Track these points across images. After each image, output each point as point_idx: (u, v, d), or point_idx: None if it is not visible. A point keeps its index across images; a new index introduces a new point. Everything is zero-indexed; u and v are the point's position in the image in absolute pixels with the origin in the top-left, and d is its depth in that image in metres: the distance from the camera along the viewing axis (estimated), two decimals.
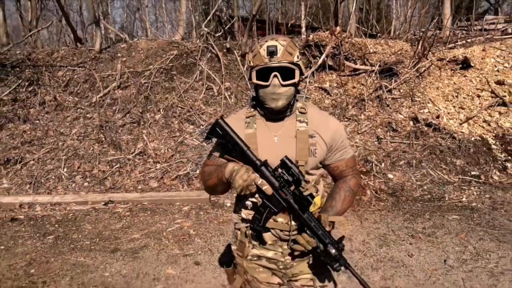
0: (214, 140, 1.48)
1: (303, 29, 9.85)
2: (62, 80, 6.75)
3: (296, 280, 1.50)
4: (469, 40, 7.84)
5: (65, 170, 5.08)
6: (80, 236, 3.76)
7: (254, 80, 1.37)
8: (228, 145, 1.38)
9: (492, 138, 5.73)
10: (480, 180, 4.98)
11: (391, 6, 11.85)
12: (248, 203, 1.41)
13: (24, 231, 3.89)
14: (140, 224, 4.02)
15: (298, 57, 1.37)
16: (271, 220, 1.38)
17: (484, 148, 5.55)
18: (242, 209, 1.45)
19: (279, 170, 1.31)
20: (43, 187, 4.85)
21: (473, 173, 5.12)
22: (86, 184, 4.90)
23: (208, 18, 7.96)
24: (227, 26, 8.12)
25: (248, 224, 1.44)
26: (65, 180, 4.94)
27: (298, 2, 12.07)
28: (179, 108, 6.10)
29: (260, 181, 1.29)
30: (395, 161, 5.30)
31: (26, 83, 6.58)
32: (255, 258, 1.49)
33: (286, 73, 1.34)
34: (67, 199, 4.53)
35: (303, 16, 11.82)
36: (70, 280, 2.94)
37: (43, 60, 7.15)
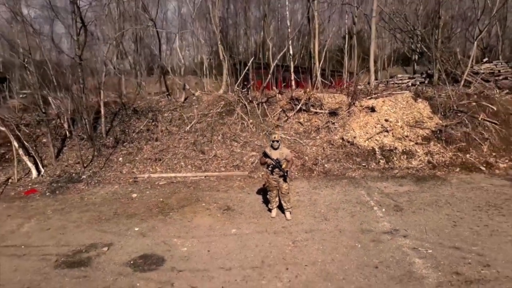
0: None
1: (292, 82, 14.99)
2: (168, 118, 11.98)
3: (279, 183, 6.72)
4: (379, 94, 12.99)
5: (182, 163, 10.30)
6: (201, 187, 8.97)
7: (270, 142, 6.60)
8: (266, 155, 6.61)
9: (377, 148, 10.89)
10: (365, 167, 10.16)
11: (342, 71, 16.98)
12: (269, 167, 6.63)
13: (179, 186, 9.10)
14: (222, 184, 9.21)
15: (279, 137, 6.60)
16: (274, 170, 6.61)
17: (372, 153, 10.71)
18: (269, 167, 6.67)
19: (276, 160, 6.52)
20: (175, 171, 10.06)
21: (362, 164, 10.30)
22: (193, 169, 10.11)
23: (238, 81, 13.16)
24: (248, 86, 13.34)
25: (269, 170, 6.66)
26: (183, 167, 10.15)
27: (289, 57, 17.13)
28: (229, 134, 11.31)
29: (272, 162, 6.52)
30: (329, 159, 10.47)
31: (151, 120, 11.81)
32: (271, 177, 6.71)
33: (278, 140, 6.57)
34: (188, 175, 9.74)
35: (292, 68, 16.98)
36: (209, 199, 8.13)
37: (155, 106, 12.38)
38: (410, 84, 14.35)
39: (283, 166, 6.52)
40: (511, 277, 4.72)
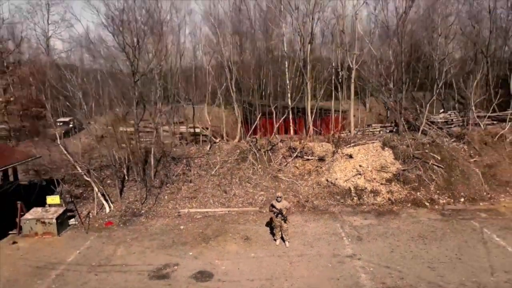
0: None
1: (291, 128, 18.35)
2: (197, 164, 15.34)
3: (281, 223, 10.02)
4: (356, 142, 16.31)
5: (211, 201, 13.59)
6: (226, 220, 12.23)
7: (277, 197, 9.93)
8: (273, 206, 9.93)
9: (352, 188, 14.14)
10: (342, 204, 13.40)
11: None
12: (275, 213, 9.94)
13: (211, 219, 12.34)
14: (241, 218, 12.45)
15: (281, 194, 9.94)
16: (278, 215, 9.92)
17: (348, 192, 13.95)
18: (275, 213, 9.98)
19: (279, 209, 9.84)
20: (207, 207, 13.35)
21: (341, 201, 13.56)
22: (219, 205, 13.40)
23: (249, 133, 16.54)
24: (256, 137, 16.71)
25: (275, 215, 9.96)
26: (212, 204, 13.44)
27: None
28: (243, 177, 14.63)
29: (277, 211, 9.84)
30: (317, 196, 13.74)
31: (185, 166, 15.15)
32: (276, 219, 10.01)
33: (281, 197, 9.90)
34: (217, 210, 13.03)
35: (290, 115, 20.31)
36: (233, 230, 11.41)
37: (187, 154, 15.76)
38: (381, 133, 17.69)
39: (284, 213, 9.81)
40: (413, 285, 7.95)
